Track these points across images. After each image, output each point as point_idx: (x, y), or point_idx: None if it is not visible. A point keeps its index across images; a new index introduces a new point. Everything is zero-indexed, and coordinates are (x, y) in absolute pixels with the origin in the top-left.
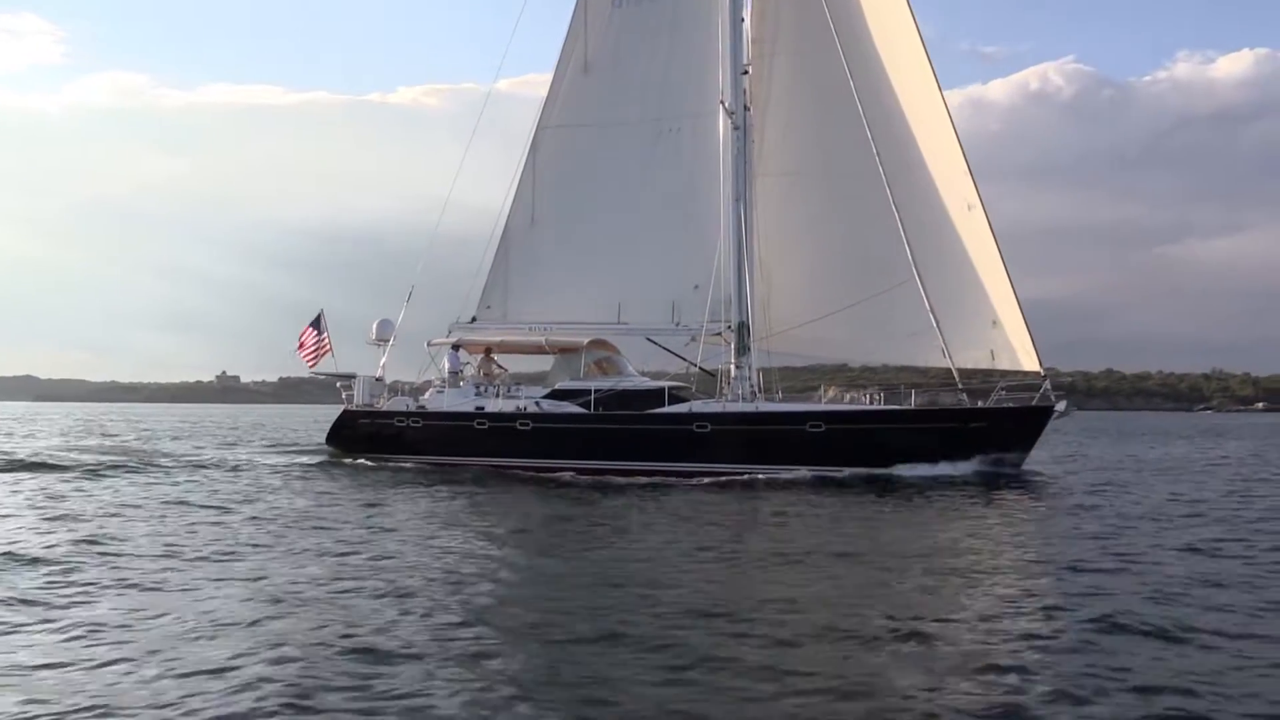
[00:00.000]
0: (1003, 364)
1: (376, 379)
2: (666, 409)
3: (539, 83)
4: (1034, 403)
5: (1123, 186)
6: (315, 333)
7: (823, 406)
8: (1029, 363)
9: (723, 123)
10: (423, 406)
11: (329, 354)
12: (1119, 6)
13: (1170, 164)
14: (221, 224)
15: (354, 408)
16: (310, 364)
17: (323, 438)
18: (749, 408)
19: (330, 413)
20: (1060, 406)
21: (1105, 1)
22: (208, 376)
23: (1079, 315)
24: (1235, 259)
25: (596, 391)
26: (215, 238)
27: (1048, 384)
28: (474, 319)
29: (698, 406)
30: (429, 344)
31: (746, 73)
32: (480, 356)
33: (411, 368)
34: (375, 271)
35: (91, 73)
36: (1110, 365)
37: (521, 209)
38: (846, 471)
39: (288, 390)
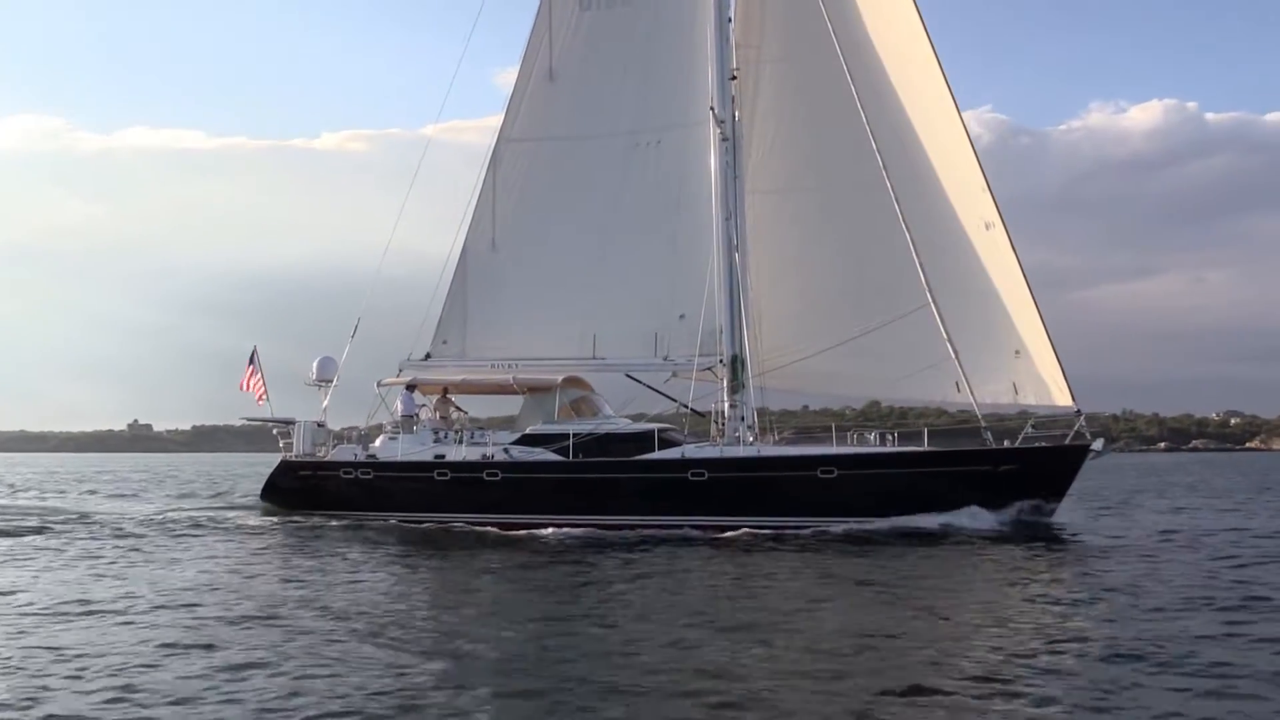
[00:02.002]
0: (1028, 399)
1: (319, 424)
2: (657, 454)
3: (464, 128)
4: (1068, 441)
5: (1038, 231)
6: (252, 369)
7: (835, 450)
8: (1060, 397)
9: (712, 133)
10: (373, 455)
11: (264, 397)
12: (1034, 57)
13: (1084, 210)
14: (138, 269)
15: (294, 457)
16: (259, 398)
17: (251, 489)
18: (750, 452)
19: (249, 462)
20: (1097, 446)
21: (1021, 52)
22: (119, 425)
23: None
24: (1145, 302)
25: (575, 435)
26: (131, 283)
27: (1083, 420)
28: (428, 356)
29: (691, 451)
30: (379, 384)
31: (734, 78)
32: (436, 398)
33: (357, 412)
34: (298, 317)
35: (5, 115)
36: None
37: (480, 232)
38: (869, 523)
39: (201, 439)
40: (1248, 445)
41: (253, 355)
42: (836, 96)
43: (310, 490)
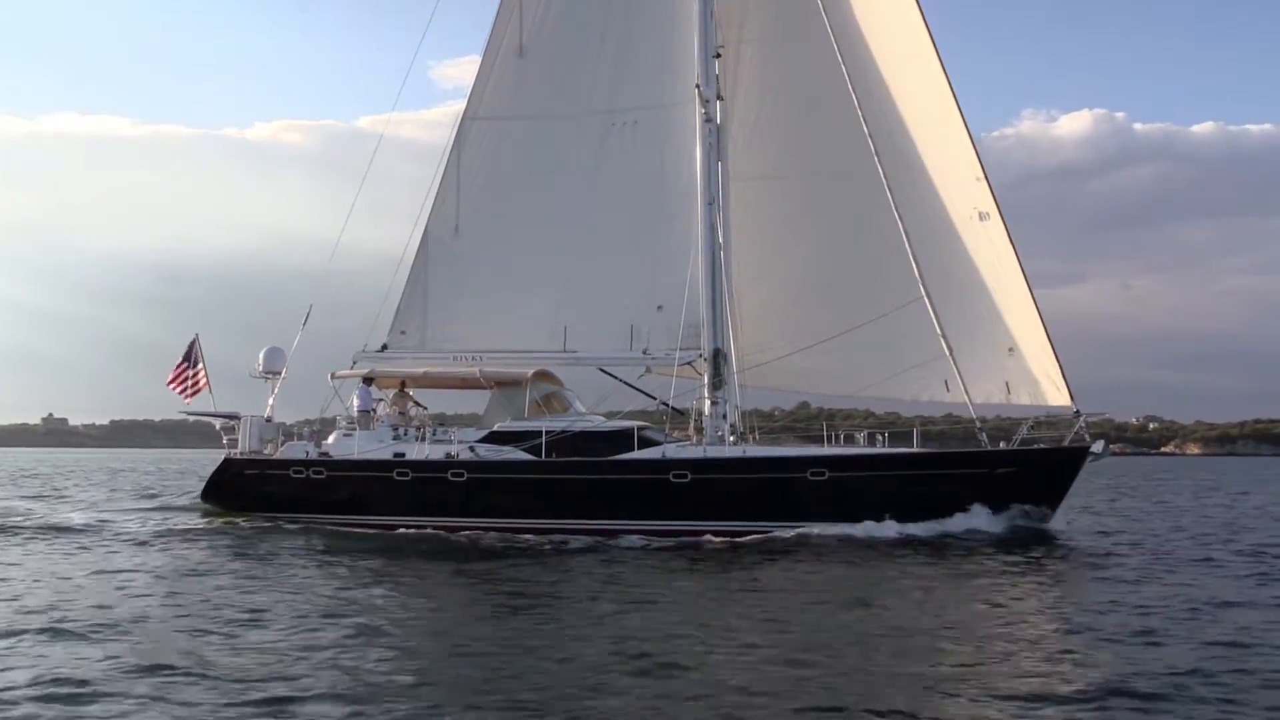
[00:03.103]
0: (1021, 399)
1: (266, 419)
2: (636, 454)
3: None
4: (1067, 443)
5: None
6: (188, 365)
7: (827, 451)
8: (1057, 396)
9: (697, 113)
10: (326, 453)
11: (205, 389)
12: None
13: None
14: (59, 258)
15: (238, 455)
16: (187, 398)
17: (184, 488)
18: (736, 452)
19: (172, 458)
20: (1097, 448)
21: (955, 61)
22: (33, 419)
23: None
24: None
25: (548, 433)
26: (51, 273)
27: (1083, 421)
28: (384, 347)
29: (673, 451)
30: (333, 376)
31: (719, 56)
32: (393, 392)
33: (304, 408)
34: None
35: None
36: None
37: (443, 216)
38: (862, 529)
39: (120, 434)
40: (1163, 450)
41: (192, 346)
42: (822, 79)
43: (257, 491)
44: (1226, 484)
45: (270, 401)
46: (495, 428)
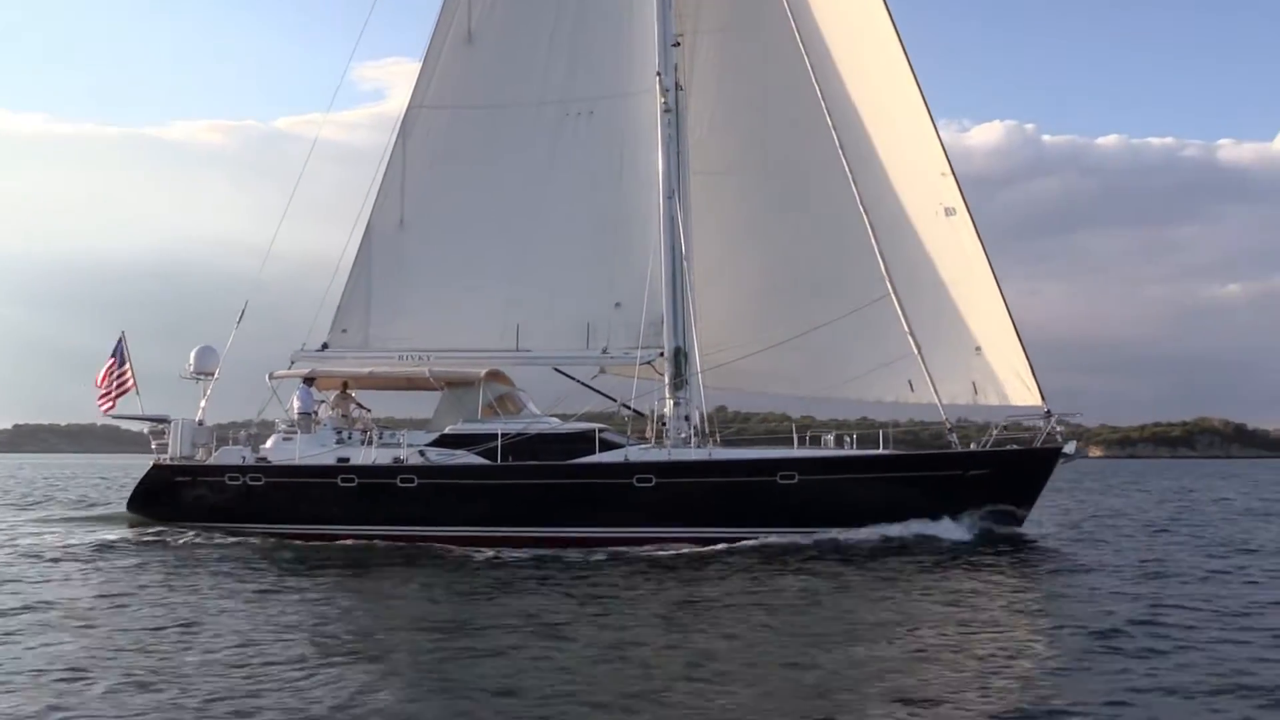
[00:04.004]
0: (990, 399)
1: (198, 423)
2: (598, 458)
3: (321, 121)
4: (1038, 444)
5: None
6: (116, 364)
7: (797, 453)
8: (1026, 395)
9: (657, 103)
10: (264, 458)
11: (132, 390)
12: None
13: None
14: None
15: (168, 461)
16: (107, 408)
17: (104, 496)
18: (703, 454)
19: (85, 464)
20: (1069, 449)
21: None
22: None
23: None
24: None
25: (504, 436)
26: None
27: (1054, 420)
28: (324, 346)
29: (636, 454)
30: (271, 376)
31: (678, 44)
32: (334, 394)
33: (240, 410)
34: (146, 310)
35: None
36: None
37: (387, 208)
38: (834, 533)
39: (23, 438)
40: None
41: (120, 344)
42: (783, 71)
43: (188, 498)
44: (1149, 482)
45: (203, 404)
46: (446, 430)
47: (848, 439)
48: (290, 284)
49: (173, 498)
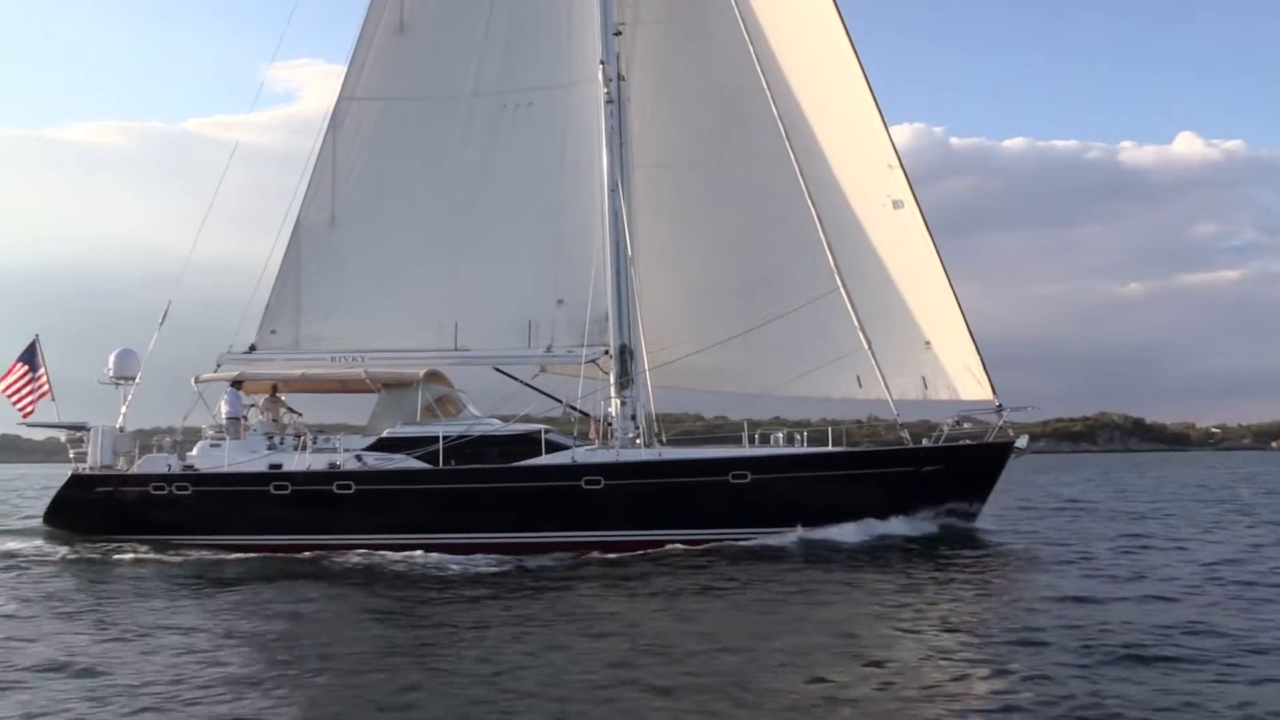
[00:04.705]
0: (940, 394)
1: (119, 430)
2: (544, 460)
3: (231, 124)
4: (990, 439)
5: None
6: (27, 368)
7: (749, 452)
8: (977, 390)
9: (600, 94)
10: (191, 466)
11: (47, 395)
12: None
13: None
14: None
15: (88, 470)
16: (28, 413)
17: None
18: (652, 455)
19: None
20: (1021, 443)
21: None
22: None
23: None
24: None
25: (446, 439)
26: None
27: (1006, 415)
28: (252, 348)
29: (584, 456)
30: (197, 380)
31: (619, 33)
32: (264, 398)
33: (164, 416)
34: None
35: None
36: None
37: (317, 205)
38: (788, 533)
39: None
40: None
41: (33, 348)
42: (726, 62)
43: (110, 510)
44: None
45: (124, 410)
46: (384, 434)
47: (798, 437)
48: (205, 288)
49: (93, 509)
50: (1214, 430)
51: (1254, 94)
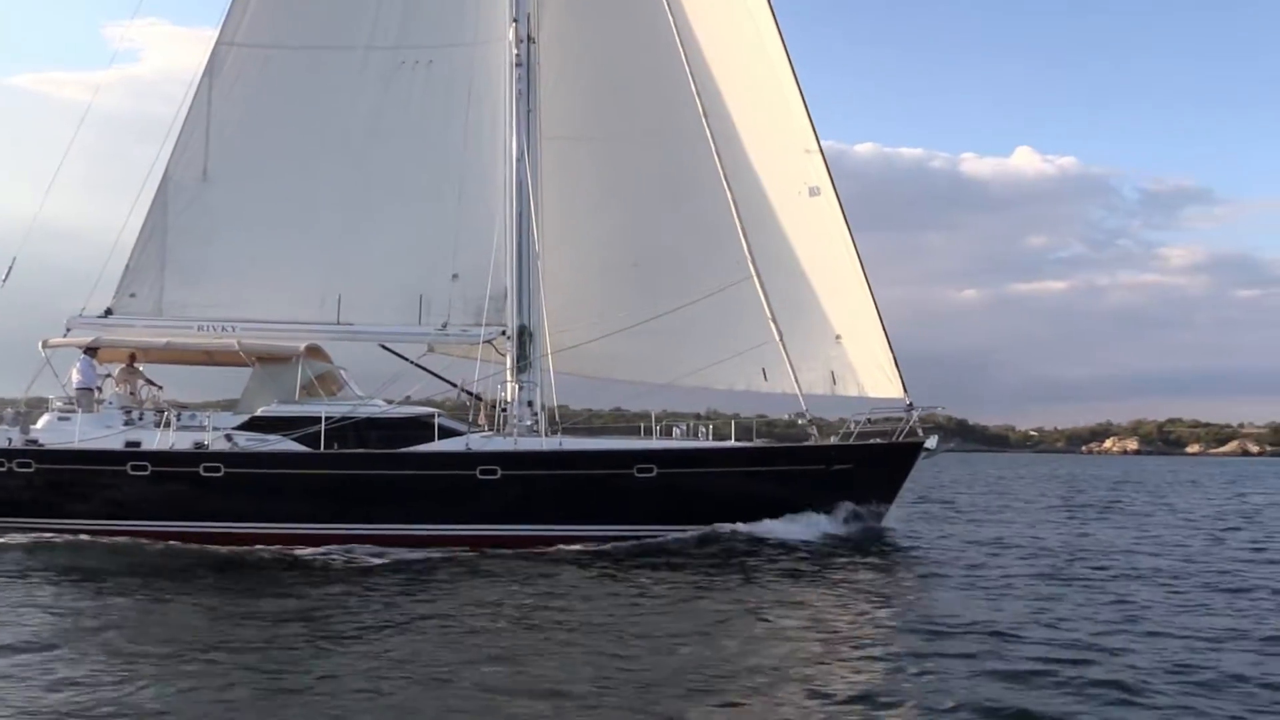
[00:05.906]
0: (849, 390)
1: None
2: (436, 446)
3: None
4: (898, 438)
5: None
6: None
7: (656, 445)
8: (888, 387)
9: (509, 55)
10: (35, 441)
11: None
12: None
13: None
14: None
15: None
16: None
17: None
18: (553, 444)
19: None
20: (930, 443)
21: None
22: None
23: None
24: None
25: (329, 420)
26: None
27: (916, 414)
28: (108, 311)
29: (478, 443)
30: (45, 345)
31: None
32: (120, 367)
33: (3, 385)
34: None
35: None
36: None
37: (188, 158)
38: (693, 531)
39: None
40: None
41: None
42: (642, 32)
43: None
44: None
45: None
46: (259, 412)
47: (702, 430)
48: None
49: None
50: (1032, 433)
51: (1084, 114)
